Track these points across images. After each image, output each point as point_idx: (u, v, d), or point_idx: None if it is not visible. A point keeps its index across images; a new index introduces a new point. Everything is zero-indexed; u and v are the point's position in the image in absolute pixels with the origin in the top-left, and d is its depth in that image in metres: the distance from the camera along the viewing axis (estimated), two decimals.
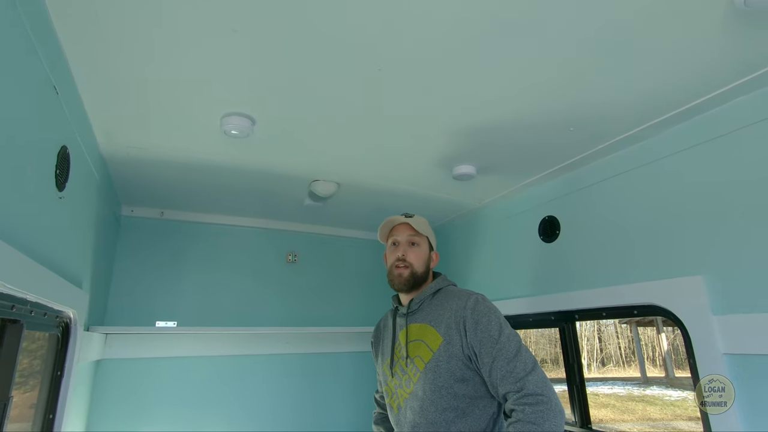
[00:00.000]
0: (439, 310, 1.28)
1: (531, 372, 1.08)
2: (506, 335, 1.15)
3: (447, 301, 1.29)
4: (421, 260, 1.37)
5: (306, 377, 2.40)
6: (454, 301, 1.27)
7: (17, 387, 1.07)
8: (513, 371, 1.09)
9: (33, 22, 0.86)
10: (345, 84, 1.19)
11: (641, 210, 1.51)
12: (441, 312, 1.27)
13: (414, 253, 1.38)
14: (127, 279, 2.15)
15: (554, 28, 0.98)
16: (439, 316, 1.27)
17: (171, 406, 2.06)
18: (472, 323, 1.18)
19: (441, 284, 1.36)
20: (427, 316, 1.31)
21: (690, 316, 1.29)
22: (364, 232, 2.85)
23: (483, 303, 1.23)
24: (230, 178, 1.87)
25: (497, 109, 1.33)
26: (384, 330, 1.49)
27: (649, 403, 9.33)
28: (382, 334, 1.49)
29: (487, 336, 1.15)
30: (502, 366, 1.11)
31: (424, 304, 1.34)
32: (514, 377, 1.08)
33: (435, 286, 1.35)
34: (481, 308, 1.21)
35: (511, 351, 1.12)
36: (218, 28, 0.97)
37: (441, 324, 1.25)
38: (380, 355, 1.47)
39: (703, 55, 1.08)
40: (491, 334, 1.15)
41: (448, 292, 1.33)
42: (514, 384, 1.08)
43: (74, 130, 1.22)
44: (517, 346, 1.13)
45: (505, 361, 1.11)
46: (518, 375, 1.08)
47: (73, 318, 1.37)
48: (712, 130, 1.32)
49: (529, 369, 1.09)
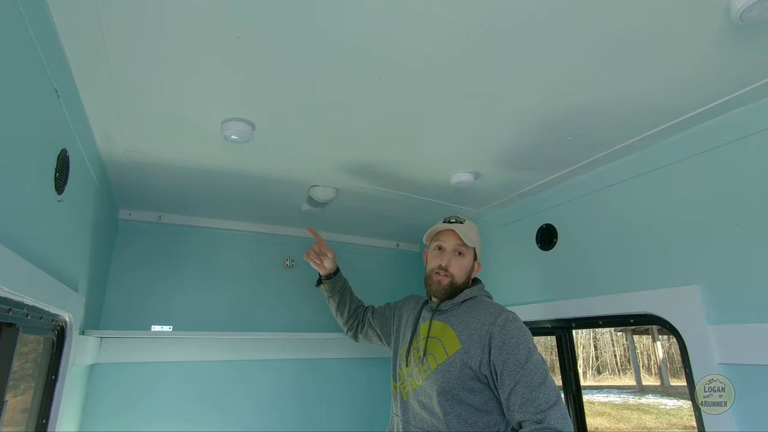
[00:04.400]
0: (466, 317, 1.27)
1: (554, 406, 1.05)
2: (534, 362, 1.12)
3: (477, 311, 1.27)
4: (463, 271, 1.35)
5: (302, 383, 2.38)
6: (484, 314, 1.24)
7: (8, 390, 1.06)
8: (535, 401, 1.06)
9: (36, 25, 0.87)
10: (346, 91, 1.20)
11: (638, 219, 1.52)
12: (467, 320, 1.26)
13: (458, 263, 1.34)
14: (123, 282, 2.13)
15: (552, 40, 0.99)
16: (464, 323, 1.25)
17: (166, 410, 2.04)
18: (499, 342, 1.15)
19: (476, 292, 1.35)
20: (451, 318, 1.30)
21: (686, 325, 1.30)
22: (363, 238, 2.85)
23: (513, 323, 1.20)
24: (229, 183, 1.87)
25: (496, 118, 1.34)
26: (410, 313, 1.47)
27: (644, 411, 9.33)
28: (406, 315, 1.47)
29: (513, 358, 1.12)
30: (524, 393, 1.08)
31: (453, 307, 1.33)
32: (535, 408, 1.06)
33: (469, 294, 1.33)
34: (511, 328, 1.18)
35: (537, 380, 1.09)
36: (221, 34, 0.98)
37: (464, 332, 1.23)
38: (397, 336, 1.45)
39: (699, 68, 1.09)
40: (518, 357, 1.12)
41: (480, 302, 1.31)
42: (534, 414, 1.05)
43: (74, 133, 1.22)
44: (543, 375, 1.10)
45: (528, 389, 1.08)
46: (540, 406, 1.05)
47: (68, 322, 1.36)
48: (708, 141, 1.34)
49: (552, 402, 1.06)
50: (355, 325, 1.66)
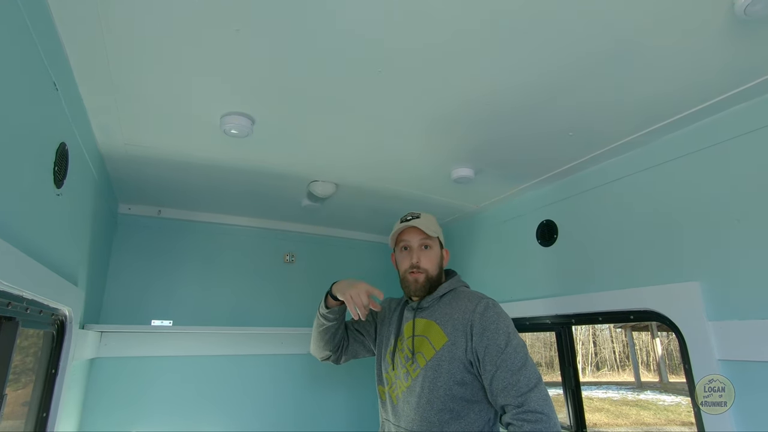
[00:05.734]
0: (448, 309, 1.27)
1: (534, 388, 1.07)
2: (513, 346, 1.13)
3: (457, 301, 1.28)
4: (434, 263, 1.36)
5: (301, 378, 2.39)
6: (464, 302, 1.25)
7: (9, 384, 1.06)
8: (516, 384, 1.08)
9: (33, 17, 0.86)
10: (345, 85, 1.19)
11: (639, 215, 1.51)
12: (449, 312, 1.26)
13: (427, 257, 1.35)
14: (123, 277, 2.13)
15: (554, 33, 0.99)
16: (447, 315, 1.26)
17: (165, 405, 2.04)
18: (480, 328, 1.17)
19: (453, 285, 1.35)
20: (434, 313, 1.30)
21: (686, 321, 1.29)
22: (362, 233, 2.85)
23: (493, 309, 1.21)
24: (228, 178, 1.86)
25: (497, 113, 1.33)
26: (391, 315, 1.46)
27: (642, 407, 9.36)
28: (388, 318, 1.46)
29: (494, 344, 1.14)
30: (505, 377, 1.09)
31: (434, 302, 1.33)
32: (516, 391, 1.07)
33: (448, 287, 1.34)
34: (490, 314, 1.19)
35: (517, 363, 1.10)
36: (221, 28, 0.97)
37: (448, 324, 1.24)
38: (380, 340, 1.45)
39: (702, 63, 1.09)
40: (498, 342, 1.14)
41: (459, 293, 1.32)
42: (515, 398, 1.07)
43: (73, 126, 1.21)
44: (524, 359, 1.12)
45: (509, 373, 1.09)
46: (521, 389, 1.07)
47: (68, 316, 1.36)
48: (710, 137, 1.33)
49: (533, 385, 1.07)
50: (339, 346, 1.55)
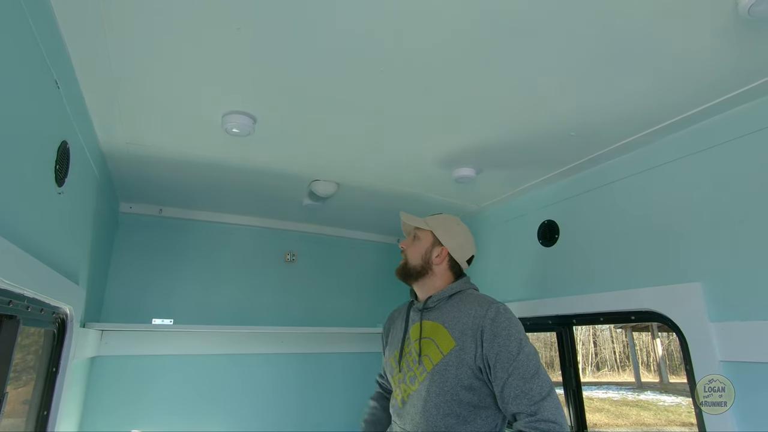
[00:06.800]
0: (456, 312, 1.26)
1: (547, 397, 1.06)
2: (525, 353, 1.12)
3: (465, 305, 1.26)
4: (417, 253, 1.37)
5: (302, 377, 2.39)
6: (474, 307, 1.24)
7: (10, 382, 1.06)
8: (528, 393, 1.07)
9: (36, 16, 0.86)
10: (347, 85, 1.19)
11: (640, 215, 1.51)
12: (457, 315, 1.25)
13: (412, 246, 1.40)
14: (124, 276, 2.14)
15: (556, 33, 0.98)
16: (455, 318, 1.24)
17: (166, 404, 2.05)
18: (490, 335, 1.15)
19: (462, 286, 1.34)
20: (441, 315, 1.28)
21: (687, 322, 1.29)
22: (363, 233, 2.84)
23: (504, 314, 1.19)
24: (230, 177, 1.86)
25: (498, 113, 1.33)
26: (397, 320, 1.47)
27: (643, 408, 9.35)
28: (395, 324, 1.47)
29: (505, 350, 1.12)
30: (518, 385, 1.08)
31: (440, 303, 1.32)
32: (529, 399, 1.06)
33: (455, 287, 1.32)
34: (501, 320, 1.17)
35: (530, 371, 1.09)
36: (222, 26, 0.97)
37: (456, 328, 1.22)
38: (389, 346, 1.45)
39: (704, 64, 1.08)
40: (509, 349, 1.12)
41: (468, 296, 1.30)
42: (528, 406, 1.06)
43: (74, 125, 1.21)
44: (536, 366, 1.11)
45: (522, 381, 1.08)
46: (534, 398, 1.06)
47: (69, 314, 1.37)
48: (712, 138, 1.33)
49: (545, 393, 1.07)
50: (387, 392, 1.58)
